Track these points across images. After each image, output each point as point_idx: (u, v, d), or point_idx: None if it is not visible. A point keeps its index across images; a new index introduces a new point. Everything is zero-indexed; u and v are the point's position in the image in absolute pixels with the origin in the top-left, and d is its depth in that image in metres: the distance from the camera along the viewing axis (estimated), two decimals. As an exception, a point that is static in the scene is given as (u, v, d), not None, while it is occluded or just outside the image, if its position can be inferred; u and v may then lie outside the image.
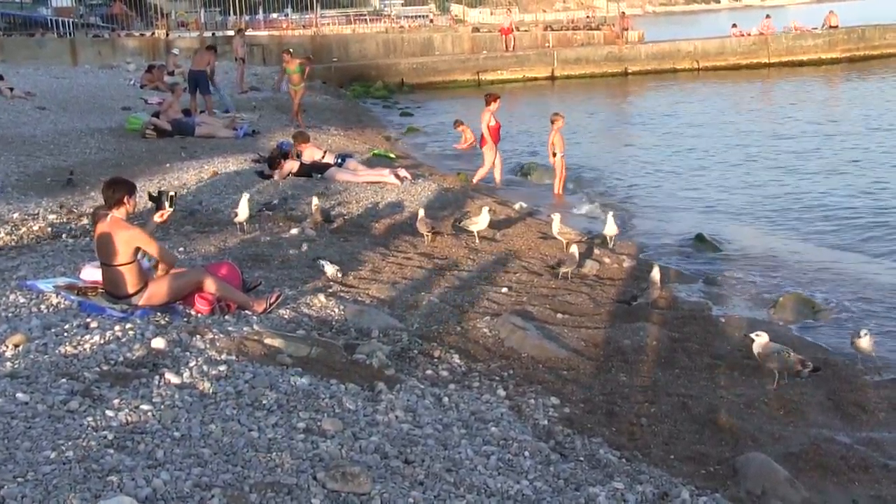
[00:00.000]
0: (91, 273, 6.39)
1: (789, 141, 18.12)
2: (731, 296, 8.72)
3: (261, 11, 38.39)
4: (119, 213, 5.98)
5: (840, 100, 24.49)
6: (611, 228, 10.00)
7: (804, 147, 17.33)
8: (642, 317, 7.61)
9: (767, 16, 35.84)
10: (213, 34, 32.11)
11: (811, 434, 5.52)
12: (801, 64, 33.20)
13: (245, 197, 9.32)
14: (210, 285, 6.17)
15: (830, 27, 35.10)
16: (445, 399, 5.24)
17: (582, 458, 4.79)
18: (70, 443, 3.69)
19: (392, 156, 15.97)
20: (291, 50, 20.79)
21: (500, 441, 4.73)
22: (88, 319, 5.52)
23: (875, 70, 30.52)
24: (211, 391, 4.59)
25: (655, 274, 7.94)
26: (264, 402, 4.55)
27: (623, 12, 36.95)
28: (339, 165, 12.71)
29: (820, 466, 5.06)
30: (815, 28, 35.33)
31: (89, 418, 3.99)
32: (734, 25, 35.97)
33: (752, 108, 23.65)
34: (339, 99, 26.52)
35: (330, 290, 7.26)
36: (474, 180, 14.04)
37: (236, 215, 9.14)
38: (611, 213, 10.17)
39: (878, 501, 4.76)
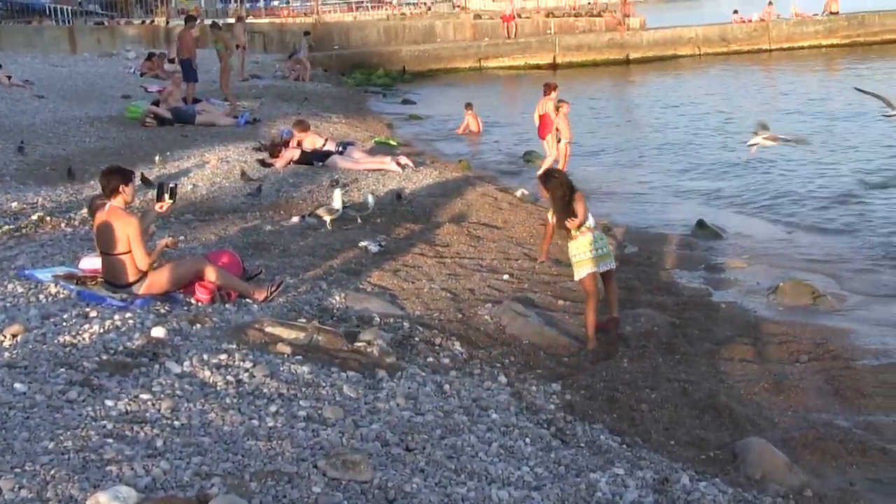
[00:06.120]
0: (90, 262, 6.39)
1: (790, 126, 18.02)
2: (732, 282, 8.71)
3: (261, -1, 38.29)
4: (117, 201, 5.98)
5: (838, 86, 24.36)
6: None
7: (807, 131, 17.23)
8: (643, 303, 7.60)
9: (770, 2, 35.66)
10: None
11: (810, 418, 5.54)
12: (802, 49, 33.09)
13: (338, 191, 9.33)
14: (210, 274, 6.17)
15: (831, 13, 34.93)
16: (447, 386, 5.24)
17: (583, 445, 4.80)
18: (69, 433, 3.69)
19: (394, 143, 15.96)
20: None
21: (502, 427, 4.73)
22: (88, 309, 5.52)
23: (872, 56, 30.38)
24: (211, 380, 4.59)
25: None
26: (265, 390, 4.55)
27: (625, -2, 36.73)
28: (341, 153, 12.69)
29: (818, 450, 5.07)
30: (816, 14, 35.17)
31: (88, 408, 3.99)
32: (735, 12, 35.82)
33: (752, 95, 23.54)
34: (341, 86, 26.46)
35: (332, 278, 7.26)
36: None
37: (334, 212, 9.03)
38: None
39: (876, 484, 4.77)
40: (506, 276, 8.03)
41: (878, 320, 7.51)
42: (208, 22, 26.48)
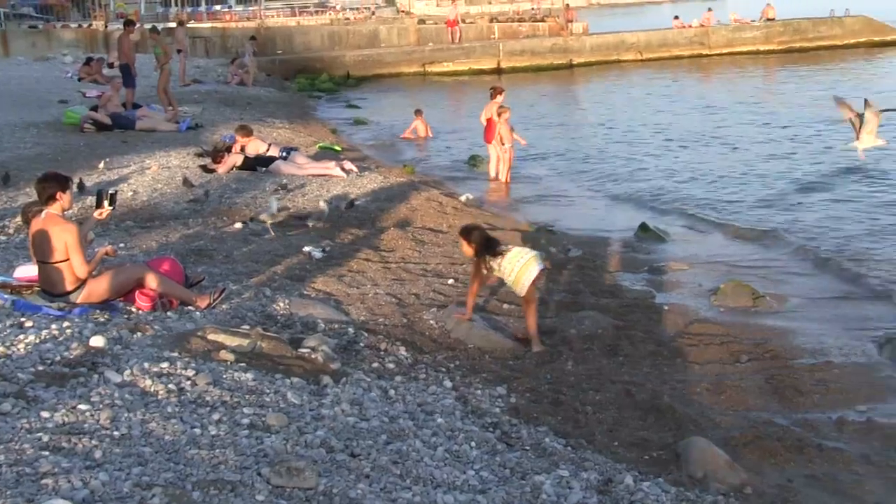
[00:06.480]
0: (25, 271, 6.23)
1: (730, 130, 18.46)
2: (674, 284, 8.85)
3: (203, 3, 37.83)
4: (54, 208, 5.84)
5: (776, 91, 25.02)
6: None
7: (746, 135, 17.67)
8: (588, 305, 7.69)
9: (709, 9, 36.56)
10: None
11: (750, 417, 5.65)
12: (741, 54, 33.99)
13: (273, 197, 9.20)
14: (151, 281, 6.07)
15: (768, 20, 35.94)
16: (392, 391, 5.23)
17: (528, 447, 4.82)
18: (1, 447, 3.59)
19: (338, 148, 15.89)
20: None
21: (447, 432, 4.73)
22: (23, 319, 5.38)
23: (806, 63, 31.31)
24: (152, 389, 4.51)
25: None
26: (207, 398, 4.48)
27: (567, 4, 37.30)
28: (285, 159, 12.59)
29: (758, 448, 5.17)
30: (754, 20, 36.14)
31: (23, 420, 3.88)
32: (676, 17, 36.65)
33: (693, 100, 24.02)
34: (284, 92, 26.27)
35: (275, 284, 7.19)
36: (506, 179, 13.92)
37: (274, 216, 8.96)
38: None
39: (812, 480, 4.88)
40: (451, 281, 8.05)
41: (816, 320, 7.70)
42: (148, 26, 26.08)
